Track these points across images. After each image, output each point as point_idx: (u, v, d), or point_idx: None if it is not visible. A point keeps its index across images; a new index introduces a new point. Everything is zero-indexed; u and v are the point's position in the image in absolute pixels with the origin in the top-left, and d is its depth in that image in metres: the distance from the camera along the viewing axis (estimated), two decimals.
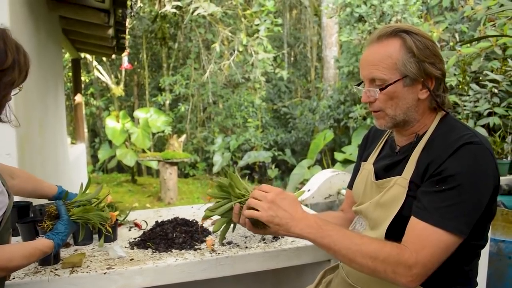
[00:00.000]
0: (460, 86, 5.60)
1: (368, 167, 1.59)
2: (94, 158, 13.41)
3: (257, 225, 1.46)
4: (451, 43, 7.16)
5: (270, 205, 1.36)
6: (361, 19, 8.02)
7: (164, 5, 10.51)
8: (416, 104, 1.39)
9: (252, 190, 1.47)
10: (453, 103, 5.64)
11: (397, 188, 1.40)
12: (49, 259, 1.64)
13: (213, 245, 1.81)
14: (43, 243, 1.44)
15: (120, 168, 12.99)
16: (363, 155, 1.70)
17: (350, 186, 1.77)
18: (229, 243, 1.88)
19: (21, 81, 1.41)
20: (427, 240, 1.25)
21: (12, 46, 1.36)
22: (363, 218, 1.56)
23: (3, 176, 1.66)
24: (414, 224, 1.29)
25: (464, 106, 5.30)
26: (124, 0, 4.75)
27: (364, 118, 8.30)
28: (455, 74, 5.81)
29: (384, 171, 1.50)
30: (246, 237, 1.89)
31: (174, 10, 10.48)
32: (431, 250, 1.24)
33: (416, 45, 1.35)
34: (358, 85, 1.52)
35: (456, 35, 7.24)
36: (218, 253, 1.78)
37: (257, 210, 1.38)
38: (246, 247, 1.84)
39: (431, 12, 8.40)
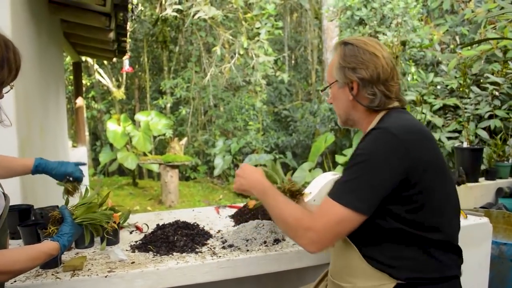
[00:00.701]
0: (461, 89, 5.60)
1: None
2: (95, 161, 13.41)
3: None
4: (452, 46, 7.16)
5: (237, 178, 1.72)
6: (361, 22, 8.03)
7: (165, 9, 10.52)
8: (352, 104, 1.57)
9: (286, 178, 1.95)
10: (454, 105, 5.64)
11: None
12: (53, 262, 1.65)
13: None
14: (48, 245, 1.43)
15: (121, 171, 12.99)
16: None
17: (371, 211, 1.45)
18: (230, 246, 1.88)
19: (12, 79, 1.36)
20: (324, 210, 1.41)
21: (0, 43, 1.32)
22: None
23: None
24: (324, 198, 1.45)
25: (465, 108, 5.29)
26: (125, 3, 4.76)
27: None
28: (456, 77, 5.81)
29: None
30: (247, 240, 1.89)
31: (175, 14, 10.50)
32: (325, 219, 1.39)
33: (344, 53, 1.55)
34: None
35: (457, 37, 7.25)
36: (219, 256, 1.78)
37: None
38: (248, 250, 1.84)
39: (431, 15, 8.41)
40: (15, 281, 1.56)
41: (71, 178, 1.89)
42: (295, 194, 1.89)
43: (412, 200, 1.38)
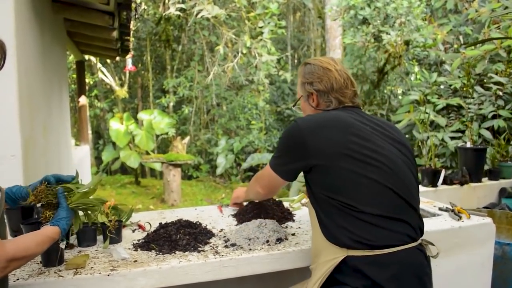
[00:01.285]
0: (464, 89, 5.59)
1: None
2: (98, 159, 13.43)
3: None
4: (455, 46, 7.15)
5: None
6: (365, 21, 8.02)
7: (168, 8, 10.53)
8: (313, 112, 1.86)
9: None
10: (457, 105, 5.63)
11: None
12: (51, 259, 1.65)
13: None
14: (50, 230, 1.45)
15: (124, 169, 13.01)
16: None
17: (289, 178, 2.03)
18: (233, 245, 1.88)
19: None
20: (263, 173, 1.94)
21: None
22: None
23: None
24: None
25: (469, 108, 5.28)
26: (129, 2, 4.76)
27: None
28: (459, 77, 5.80)
29: None
30: (250, 239, 1.89)
31: (178, 13, 10.50)
32: (263, 176, 1.95)
33: (304, 71, 1.89)
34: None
35: (460, 37, 7.23)
36: (222, 255, 1.78)
37: None
38: (250, 249, 1.84)
39: (435, 14, 8.39)
40: (17, 279, 1.57)
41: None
42: None
43: (324, 180, 1.63)
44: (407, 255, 1.56)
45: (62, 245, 1.69)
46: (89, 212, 1.73)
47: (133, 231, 2.15)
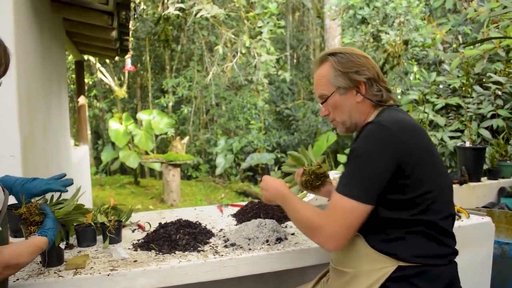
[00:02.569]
0: (463, 88, 5.59)
1: None
2: (97, 160, 13.43)
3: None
4: (454, 45, 7.15)
5: (262, 191, 1.80)
6: (364, 21, 8.02)
7: (167, 7, 10.53)
8: (356, 106, 1.65)
9: (315, 162, 2.01)
10: (456, 104, 5.63)
11: None
12: (51, 259, 1.65)
13: None
14: (39, 240, 1.45)
15: (123, 170, 13.00)
16: None
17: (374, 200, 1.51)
18: (233, 245, 1.88)
19: (1, 75, 1.37)
20: (332, 205, 1.50)
21: None
22: None
23: None
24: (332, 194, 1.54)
25: (468, 108, 5.29)
26: (128, 2, 4.75)
27: None
28: (458, 76, 5.81)
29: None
30: (249, 239, 1.89)
31: (177, 12, 10.50)
32: (333, 213, 1.47)
33: (338, 61, 1.64)
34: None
35: (459, 37, 7.24)
36: (222, 255, 1.78)
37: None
38: (250, 249, 1.84)
39: (434, 14, 8.39)
40: (17, 279, 1.57)
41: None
42: (320, 177, 1.95)
43: (408, 189, 1.46)
44: (454, 267, 1.56)
45: (62, 245, 1.69)
46: (70, 224, 1.72)
47: (133, 231, 2.15)
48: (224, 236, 1.99)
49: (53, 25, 4.75)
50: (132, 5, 5.23)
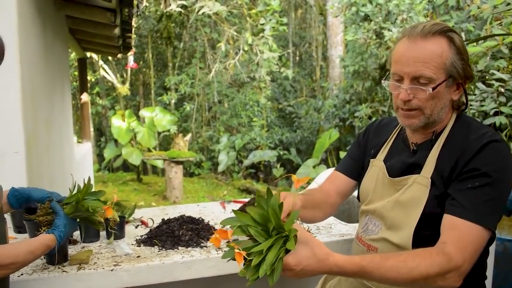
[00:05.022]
0: (466, 85, 5.58)
1: (378, 164, 1.57)
2: (100, 157, 13.46)
3: None
4: None
5: (298, 272, 1.23)
6: (366, 18, 8.00)
7: (170, 5, 10.53)
8: (448, 103, 1.41)
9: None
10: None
11: (418, 186, 1.40)
12: (54, 257, 1.66)
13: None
14: (45, 237, 1.46)
15: (126, 167, 13.02)
16: (366, 148, 1.67)
17: (342, 169, 1.71)
18: (235, 240, 1.89)
19: None
20: (469, 237, 1.25)
21: None
22: (376, 218, 1.52)
23: None
24: (453, 222, 1.28)
25: (470, 105, 5.28)
26: None
27: (370, 117, 8.28)
28: None
29: (400, 168, 1.48)
30: None
31: (180, 10, 10.50)
32: (474, 247, 1.25)
33: (460, 45, 1.35)
34: (385, 79, 1.47)
35: (462, 34, 7.22)
36: (224, 251, 1.79)
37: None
38: None
39: (437, 11, 8.37)
40: (21, 274, 1.58)
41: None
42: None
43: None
44: None
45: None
46: (92, 219, 1.70)
47: (136, 227, 2.16)
48: None
49: (56, 22, 4.76)
50: (135, 2, 5.23)
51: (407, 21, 7.60)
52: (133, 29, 6.76)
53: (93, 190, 1.70)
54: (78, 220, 1.64)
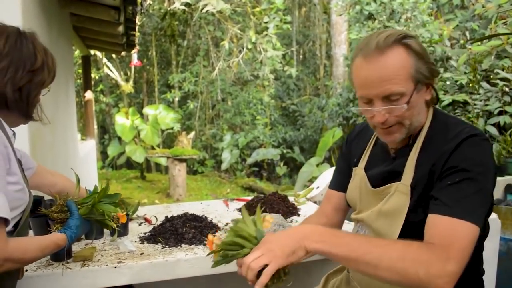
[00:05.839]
0: (470, 85, 5.57)
1: (360, 173, 1.53)
2: (103, 154, 13.49)
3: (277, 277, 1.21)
4: (462, 41, 7.12)
5: (266, 249, 1.19)
6: (370, 17, 7.99)
7: (173, 3, 10.54)
8: (423, 105, 1.36)
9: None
10: (463, 101, 5.61)
11: (399, 195, 1.36)
12: (63, 255, 1.66)
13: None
14: (56, 236, 1.46)
15: (129, 164, 13.06)
16: (349, 158, 1.63)
17: (334, 186, 1.69)
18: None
19: (50, 82, 1.51)
20: (455, 234, 1.17)
21: (40, 48, 1.45)
22: (365, 226, 1.51)
23: (43, 174, 1.69)
24: (437, 221, 1.22)
25: (475, 104, 5.27)
26: None
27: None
28: (465, 73, 5.78)
29: (381, 177, 1.44)
30: None
31: (183, 8, 10.51)
32: (461, 244, 1.16)
33: (420, 48, 1.29)
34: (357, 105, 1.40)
35: (467, 33, 7.20)
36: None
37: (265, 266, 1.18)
38: None
39: (441, 10, 8.35)
40: (26, 270, 1.59)
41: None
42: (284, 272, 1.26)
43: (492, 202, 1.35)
44: None
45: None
46: (104, 223, 1.70)
47: (140, 225, 2.17)
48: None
49: (61, 20, 4.78)
50: (139, 0, 5.24)
51: (411, 20, 7.58)
52: (137, 27, 6.77)
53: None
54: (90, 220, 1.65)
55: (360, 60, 1.30)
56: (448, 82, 6.09)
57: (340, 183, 1.66)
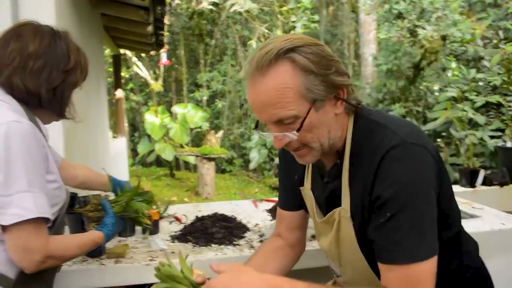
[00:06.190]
0: (504, 86, 5.44)
1: (309, 194, 1.38)
2: (133, 152, 13.69)
3: None
4: (495, 41, 6.96)
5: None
6: (400, 16, 7.88)
7: (201, 2, 10.62)
8: (336, 120, 1.17)
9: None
10: (497, 103, 5.49)
11: (344, 221, 1.22)
12: (98, 251, 1.71)
13: None
14: (94, 234, 1.51)
15: (159, 162, 13.21)
16: (290, 175, 1.45)
17: (283, 206, 1.51)
18: (262, 235, 1.90)
19: (82, 81, 1.53)
20: (409, 280, 1.07)
21: (73, 48, 1.47)
22: (334, 259, 1.37)
23: (67, 168, 1.75)
24: (388, 271, 1.10)
25: (509, 106, 5.15)
26: None
27: (404, 117, 8.16)
28: (499, 73, 5.65)
29: (324, 203, 1.31)
30: None
31: (211, 7, 10.57)
32: (422, 285, 1.07)
33: (310, 60, 1.08)
34: (256, 128, 1.24)
35: (500, 32, 7.03)
36: None
37: None
38: None
39: (473, 8, 8.18)
40: (62, 266, 1.64)
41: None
42: None
43: (450, 219, 1.24)
44: None
45: None
46: (137, 220, 1.74)
47: (170, 223, 2.20)
48: (259, 231, 2.02)
49: (92, 20, 4.88)
50: (168, 0, 5.30)
51: (442, 19, 7.45)
52: (166, 27, 6.85)
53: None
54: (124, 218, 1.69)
55: (247, 81, 1.16)
56: (481, 83, 5.97)
57: (287, 201, 1.50)
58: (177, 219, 2.24)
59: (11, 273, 1.30)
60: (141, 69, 13.44)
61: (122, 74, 11.26)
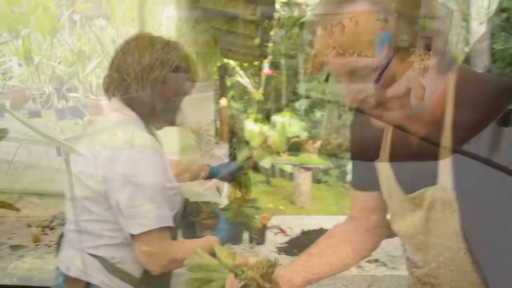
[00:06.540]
0: None
1: (385, 169, 1.16)
2: (231, 157, 14.06)
3: None
4: None
5: None
6: None
7: (304, 12, 10.67)
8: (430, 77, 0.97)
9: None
10: None
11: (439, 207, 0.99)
12: None
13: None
14: (211, 239, 1.59)
15: (255, 168, 13.47)
16: (363, 146, 1.27)
17: (356, 186, 1.35)
18: (376, 261, 1.88)
19: (191, 89, 1.58)
20: None
21: (185, 58, 1.51)
22: (414, 249, 1.18)
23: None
24: None
25: None
26: (272, 11, 4.93)
27: None
28: None
29: (411, 176, 1.07)
30: (393, 257, 1.87)
31: (313, 18, 10.58)
32: None
33: None
34: None
35: None
36: (365, 270, 1.79)
37: None
38: (393, 267, 1.82)
39: None
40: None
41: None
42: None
43: None
44: None
45: None
46: (251, 225, 1.81)
47: (275, 234, 2.25)
48: None
49: (204, 32, 5.11)
50: (276, 15, 5.42)
51: None
52: (271, 38, 6.99)
53: None
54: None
55: None
56: None
57: (361, 180, 1.34)
58: (282, 230, 2.29)
59: (137, 273, 1.43)
60: (242, 78, 13.80)
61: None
